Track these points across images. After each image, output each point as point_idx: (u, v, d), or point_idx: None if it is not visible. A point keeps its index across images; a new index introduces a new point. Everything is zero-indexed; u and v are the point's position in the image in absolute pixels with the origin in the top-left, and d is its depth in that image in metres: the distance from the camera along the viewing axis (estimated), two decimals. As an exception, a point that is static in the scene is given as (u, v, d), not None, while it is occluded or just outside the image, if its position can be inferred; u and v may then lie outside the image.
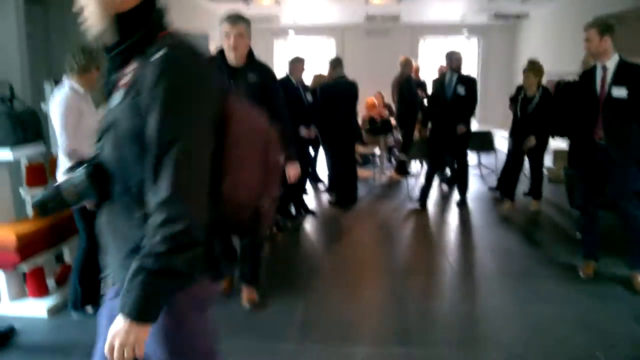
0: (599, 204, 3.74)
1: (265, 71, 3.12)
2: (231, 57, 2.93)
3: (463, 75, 5.67)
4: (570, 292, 3.57)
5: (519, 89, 5.77)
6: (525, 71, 5.25)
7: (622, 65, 3.45)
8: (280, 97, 3.15)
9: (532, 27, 10.83)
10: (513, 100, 5.93)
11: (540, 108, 5.20)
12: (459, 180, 6.03)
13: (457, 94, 5.55)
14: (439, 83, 5.79)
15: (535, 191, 5.74)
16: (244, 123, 1.28)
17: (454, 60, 5.69)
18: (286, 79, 5.38)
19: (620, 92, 3.40)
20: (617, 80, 3.43)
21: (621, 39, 7.93)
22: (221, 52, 3.00)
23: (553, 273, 3.91)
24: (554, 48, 9.46)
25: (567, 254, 4.29)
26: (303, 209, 5.50)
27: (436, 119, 5.78)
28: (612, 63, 3.46)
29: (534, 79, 5.22)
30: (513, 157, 5.67)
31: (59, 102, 2.82)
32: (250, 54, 3.02)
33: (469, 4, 9.56)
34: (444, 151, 5.86)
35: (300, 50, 11.39)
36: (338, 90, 5.75)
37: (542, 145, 5.46)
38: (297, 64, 5.33)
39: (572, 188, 4.94)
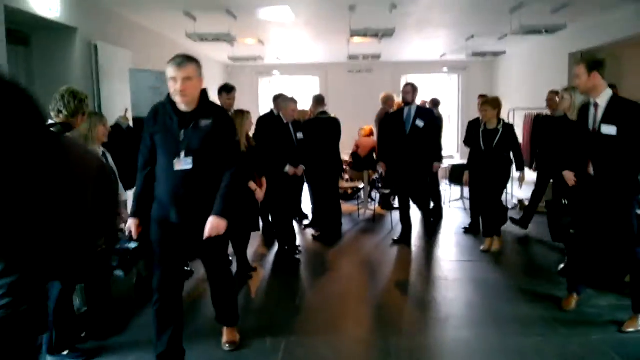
0: (588, 240, 3.70)
1: (219, 115, 2.89)
2: (180, 103, 2.75)
3: (422, 108, 5.73)
4: (551, 323, 3.58)
5: (472, 124, 5.84)
6: (483, 104, 5.36)
7: (613, 102, 3.38)
8: (234, 144, 2.97)
9: (509, 64, 11.16)
10: (469, 136, 5.80)
11: (504, 141, 5.25)
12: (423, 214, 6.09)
13: (415, 127, 5.49)
14: (396, 117, 5.71)
15: (491, 228, 5.52)
16: (76, 166, 1.29)
17: (411, 93, 5.59)
18: (271, 115, 5.46)
19: (609, 129, 3.33)
20: (606, 117, 3.36)
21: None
22: (171, 97, 2.82)
23: (534, 305, 3.92)
24: (530, 83, 9.74)
25: (549, 286, 4.32)
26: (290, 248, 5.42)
27: (395, 153, 5.65)
28: (603, 99, 3.40)
29: (493, 112, 5.29)
30: (472, 191, 5.72)
31: None
32: (203, 96, 2.83)
33: (447, 44, 9.85)
34: (405, 185, 5.68)
35: (285, 87, 11.56)
36: (320, 126, 5.84)
37: (504, 180, 5.44)
38: (289, 103, 5.31)
39: (554, 221, 4.94)
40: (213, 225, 2.79)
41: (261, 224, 5.52)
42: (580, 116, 3.63)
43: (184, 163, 2.73)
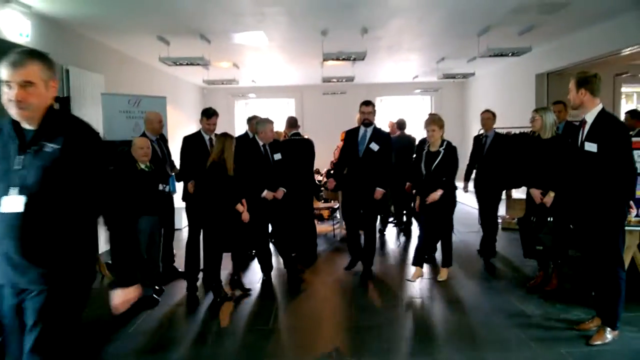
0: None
1: (74, 135, 2.00)
2: (17, 117, 1.93)
3: (380, 131, 5.30)
4: (521, 338, 3.63)
5: (422, 143, 5.61)
6: (430, 123, 4.81)
7: (598, 119, 3.38)
8: (103, 176, 2.05)
9: (478, 85, 11.47)
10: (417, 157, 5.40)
11: (445, 163, 4.84)
12: (366, 247, 5.46)
13: (369, 150, 5.14)
14: (351, 137, 5.34)
15: (443, 258, 5.22)
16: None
17: (373, 113, 5.26)
18: (245, 137, 5.45)
19: (591, 146, 3.35)
20: (590, 134, 3.38)
21: (561, 94, 8.50)
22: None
23: (506, 321, 3.98)
24: (500, 103, 9.99)
25: (520, 302, 4.39)
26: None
27: (348, 176, 5.35)
28: (591, 116, 3.42)
29: (440, 132, 4.89)
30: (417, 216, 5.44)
31: None
32: (50, 109, 2.01)
33: (419, 66, 10.10)
34: (357, 209, 5.33)
35: (262, 110, 11.64)
36: (293, 147, 5.88)
37: (451, 205, 5.05)
38: (267, 125, 5.03)
39: (526, 238, 4.97)
40: (122, 299, 2.14)
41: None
42: (572, 133, 3.72)
43: (11, 203, 1.89)
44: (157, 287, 4.71)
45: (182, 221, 7.31)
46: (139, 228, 4.33)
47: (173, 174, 5.43)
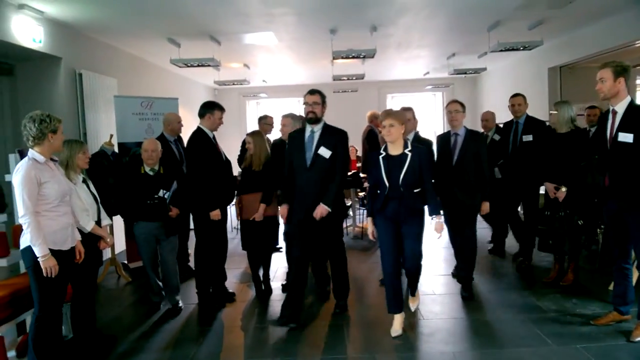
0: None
1: None
2: None
3: (330, 128, 4.06)
4: (537, 335, 3.61)
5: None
6: (386, 116, 3.60)
7: (630, 110, 3.32)
8: None
9: (490, 80, 11.37)
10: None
11: (417, 169, 3.66)
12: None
13: (319, 157, 3.91)
14: (295, 141, 4.07)
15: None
16: None
17: (321, 105, 4.03)
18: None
19: (626, 137, 3.28)
20: (623, 124, 3.32)
21: (572, 87, 8.39)
22: None
23: (521, 317, 3.96)
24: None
25: (535, 297, 4.37)
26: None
27: (296, 195, 4.05)
28: (622, 107, 3.35)
29: (399, 129, 3.56)
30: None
31: (16, 173, 2.87)
32: None
33: (429, 62, 10.05)
34: (305, 236, 4.05)
35: (272, 109, 11.68)
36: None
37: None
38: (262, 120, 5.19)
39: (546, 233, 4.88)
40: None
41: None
42: (599, 124, 3.63)
43: None
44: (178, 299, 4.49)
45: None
46: (134, 233, 4.29)
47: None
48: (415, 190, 3.57)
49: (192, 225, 6.41)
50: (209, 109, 4.45)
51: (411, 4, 5.69)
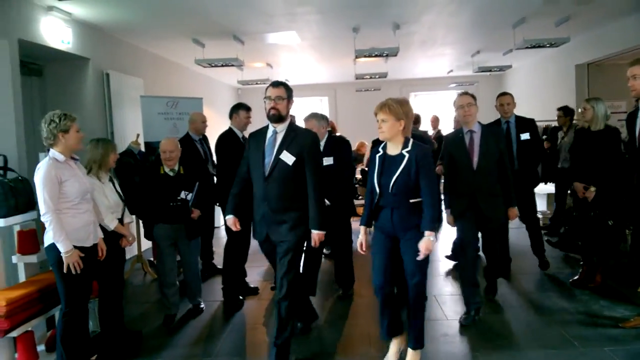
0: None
1: None
2: None
3: (297, 128, 3.35)
4: (564, 336, 3.55)
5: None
6: (380, 109, 3.05)
7: None
8: None
9: (516, 77, 11.20)
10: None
11: (414, 173, 3.27)
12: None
13: (281, 163, 3.15)
14: (255, 143, 3.29)
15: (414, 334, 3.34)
16: None
17: (287, 101, 3.23)
18: None
19: None
20: None
21: (600, 85, 8.21)
22: None
23: (547, 318, 3.89)
24: (539, 95, 9.74)
25: (562, 298, 4.29)
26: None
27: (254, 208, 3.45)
28: None
29: (396, 124, 3.07)
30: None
31: (37, 172, 2.94)
32: None
33: (453, 60, 9.95)
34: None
35: (295, 108, 11.70)
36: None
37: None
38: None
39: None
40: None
41: None
42: (628, 123, 3.57)
43: None
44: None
45: (220, 219, 7.43)
46: (154, 235, 4.18)
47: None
48: (411, 200, 2.95)
49: (218, 223, 6.42)
50: (234, 109, 4.71)
51: (435, 1, 5.64)
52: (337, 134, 6.24)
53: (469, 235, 3.81)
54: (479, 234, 3.96)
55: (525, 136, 4.81)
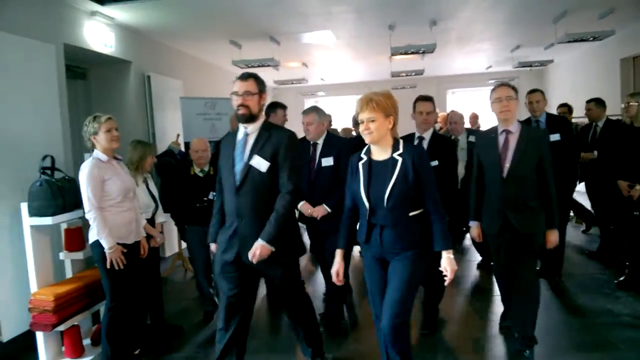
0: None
1: None
2: None
3: (273, 128, 2.87)
4: (609, 338, 3.44)
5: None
6: (364, 106, 2.52)
7: None
8: None
9: (559, 72, 10.87)
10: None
11: (410, 180, 2.82)
12: None
13: (252, 170, 2.73)
14: (226, 148, 2.94)
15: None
16: None
17: (244, 95, 2.80)
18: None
19: None
20: None
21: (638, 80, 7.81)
22: None
23: (590, 319, 3.78)
24: (582, 91, 9.42)
25: (606, 300, 4.16)
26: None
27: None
28: None
29: (384, 123, 2.61)
30: None
31: (81, 171, 3.07)
32: None
33: (492, 56, 9.74)
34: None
35: (330, 107, 11.74)
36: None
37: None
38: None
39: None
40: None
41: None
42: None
43: None
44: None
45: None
46: (186, 237, 4.18)
47: None
48: (412, 213, 2.43)
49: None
50: (271, 108, 4.60)
51: (472, -4, 5.55)
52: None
53: (499, 260, 3.27)
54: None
55: (555, 137, 4.28)
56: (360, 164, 2.52)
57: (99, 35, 5.28)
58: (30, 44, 4.05)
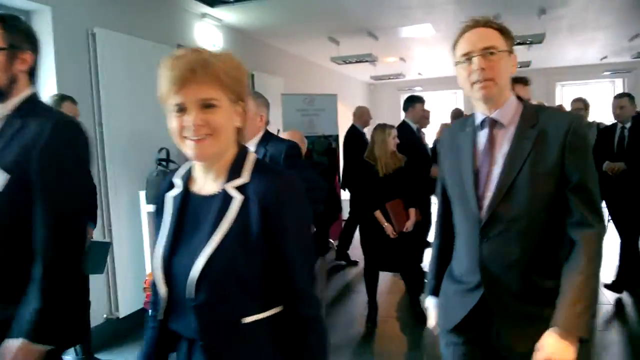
0: None
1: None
2: None
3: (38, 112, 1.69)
4: None
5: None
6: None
7: None
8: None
9: (687, 62, 9.80)
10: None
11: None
12: None
13: None
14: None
15: None
16: None
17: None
18: (405, 126, 5.16)
19: None
20: None
21: None
22: None
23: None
24: None
25: None
26: None
27: None
28: None
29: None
30: None
31: None
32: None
33: (607, 46, 9.01)
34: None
35: (427, 102, 11.53)
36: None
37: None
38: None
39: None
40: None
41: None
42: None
43: None
44: None
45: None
46: None
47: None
48: (248, 319, 1.15)
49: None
50: (410, 102, 4.97)
51: (587, -19, 5.18)
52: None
53: None
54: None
55: None
56: (171, 197, 1.32)
57: (208, 35, 5.61)
58: (149, 46, 4.42)
